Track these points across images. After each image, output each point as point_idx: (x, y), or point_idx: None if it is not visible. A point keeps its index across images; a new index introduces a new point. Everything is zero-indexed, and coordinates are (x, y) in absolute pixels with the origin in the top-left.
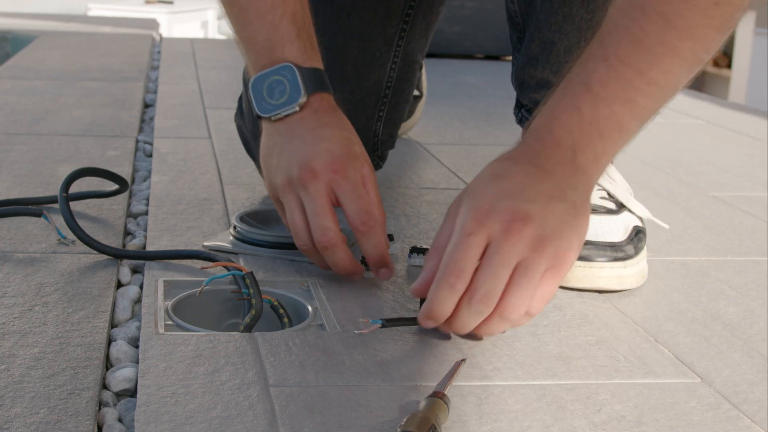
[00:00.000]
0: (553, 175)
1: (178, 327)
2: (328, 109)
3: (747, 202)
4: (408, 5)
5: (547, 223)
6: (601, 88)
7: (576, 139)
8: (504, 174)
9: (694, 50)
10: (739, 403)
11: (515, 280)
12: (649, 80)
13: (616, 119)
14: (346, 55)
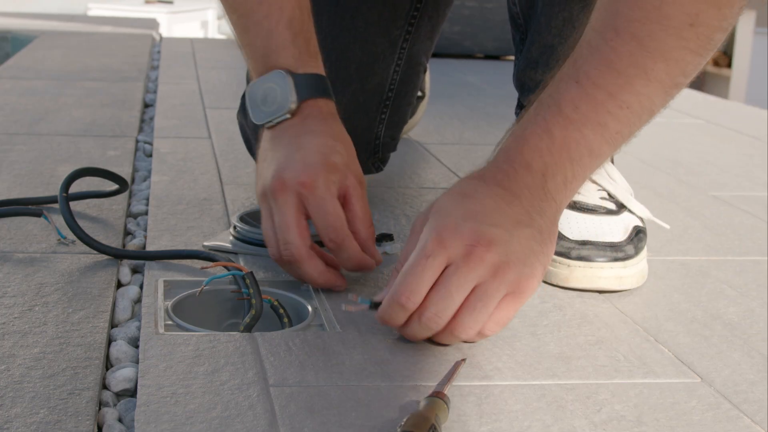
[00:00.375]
0: (521, 198)
1: (178, 327)
2: (319, 115)
3: (747, 201)
4: (413, 7)
5: (511, 248)
6: (573, 111)
7: (546, 163)
8: (472, 194)
9: (669, 73)
10: (739, 402)
11: (470, 302)
12: (621, 103)
13: (586, 143)
14: (349, 57)
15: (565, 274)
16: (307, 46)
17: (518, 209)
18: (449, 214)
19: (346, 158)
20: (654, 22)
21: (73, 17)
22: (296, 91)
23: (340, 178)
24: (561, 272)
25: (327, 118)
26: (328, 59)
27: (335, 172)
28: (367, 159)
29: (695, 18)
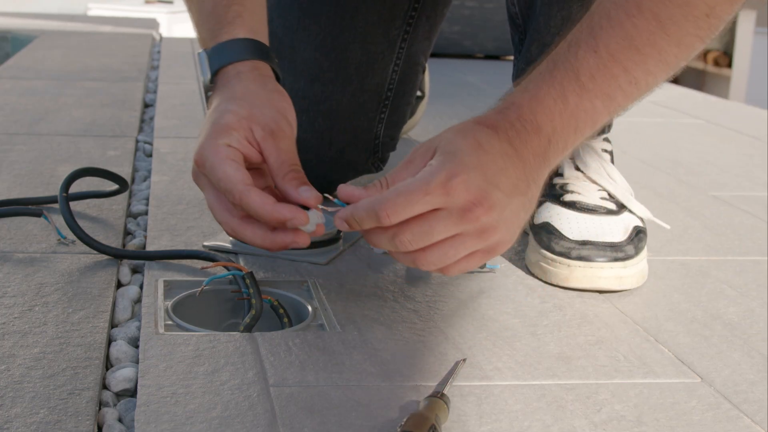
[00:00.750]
0: (525, 164)
1: (178, 327)
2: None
3: (747, 201)
4: (411, 7)
5: (504, 215)
6: (589, 80)
7: (555, 128)
8: (486, 146)
9: (677, 56)
10: (739, 402)
11: (443, 245)
12: (632, 79)
13: (593, 114)
14: (348, 57)
15: (565, 274)
16: (226, 13)
17: (521, 174)
18: (463, 160)
19: (244, 112)
20: (677, 6)
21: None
22: (209, 67)
23: (238, 136)
24: (561, 272)
25: (231, 82)
26: (327, 59)
27: (226, 134)
28: (366, 159)
29: (712, 9)
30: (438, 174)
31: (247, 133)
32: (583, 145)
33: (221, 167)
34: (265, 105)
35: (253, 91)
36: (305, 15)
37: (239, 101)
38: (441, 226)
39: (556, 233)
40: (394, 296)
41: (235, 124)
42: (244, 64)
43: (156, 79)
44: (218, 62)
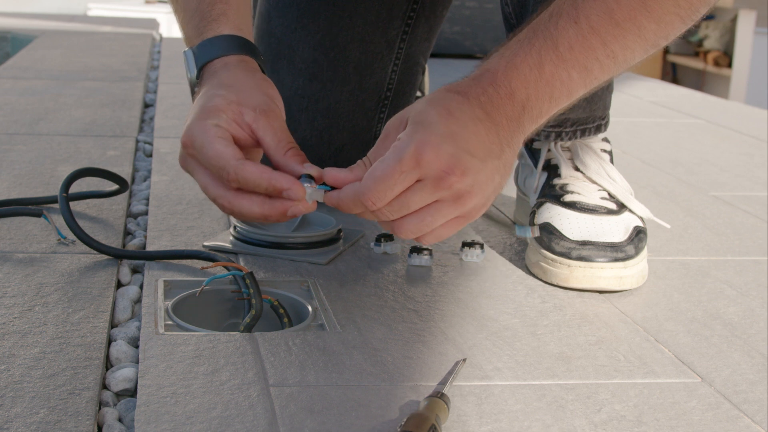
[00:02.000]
0: (499, 128)
1: (178, 327)
2: (212, 76)
3: (747, 201)
4: (410, 8)
5: (479, 179)
6: (567, 50)
7: (529, 96)
8: (456, 112)
9: (656, 33)
10: (739, 402)
11: (420, 214)
12: (610, 53)
13: (569, 84)
14: (347, 57)
15: (566, 274)
16: (211, 10)
17: (494, 138)
18: (432, 130)
19: (232, 96)
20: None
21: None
22: (195, 64)
23: (227, 117)
24: (561, 272)
25: (218, 73)
26: (326, 58)
27: (214, 115)
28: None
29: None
30: (408, 148)
31: (236, 115)
32: (582, 146)
33: (211, 146)
34: (253, 90)
35: (240, 78)
36: (304, 14)
37: (227, 87)
38: (417, 197)
39: (556, 233)
40: (394, 296)
41: (224, 107)
42: (230, 57)
43: (156, 79)
44: (204, 58)
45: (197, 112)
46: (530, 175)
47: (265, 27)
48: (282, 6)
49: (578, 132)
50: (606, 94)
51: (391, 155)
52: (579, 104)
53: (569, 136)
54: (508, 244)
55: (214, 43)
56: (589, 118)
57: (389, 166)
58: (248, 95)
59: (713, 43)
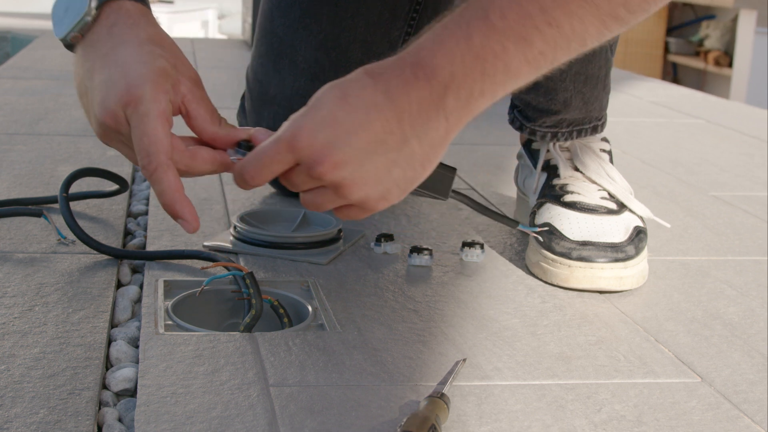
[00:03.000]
0: (403, 116)
1: (178, 327)
2: (128, 19)
3: (747, 201)
4: (413, 9)
5: (360, 172)
6: (499, 19)
7: (455, 73)
8: (351, 99)
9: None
10: (739, 402)
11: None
12: (551, 20)
13: (505, 58)
14: (349, 57)
15: (566, 275)
16: None
17: (393, 128)
18: (315, 115)
19: (172, 59)
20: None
21: None
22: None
23: (172, 84)
24: (561, 272)
25: (138, 21)
26: (328, 58)
27: (165, 79)
28: None
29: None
30: (286, 131)
31: (176, 84)
32: (581, 146)
33: (153, 123)
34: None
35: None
36: (306, 14)
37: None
38: (299, 179)
39: (556, 233)
40: (394, 296)
41: (171, 72)
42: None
43: None
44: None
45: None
46: (530, 176)
47: (267, 26)
48: (284, 5)
49: (574, 132)
50: (602, 95)
51: (273, 136)
52: (575, 104)
53: (565, 136)
54: (508, 244)
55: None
56: (585, 118)
57: (266, 147)
58: (182, 61)
59: (714, 42)
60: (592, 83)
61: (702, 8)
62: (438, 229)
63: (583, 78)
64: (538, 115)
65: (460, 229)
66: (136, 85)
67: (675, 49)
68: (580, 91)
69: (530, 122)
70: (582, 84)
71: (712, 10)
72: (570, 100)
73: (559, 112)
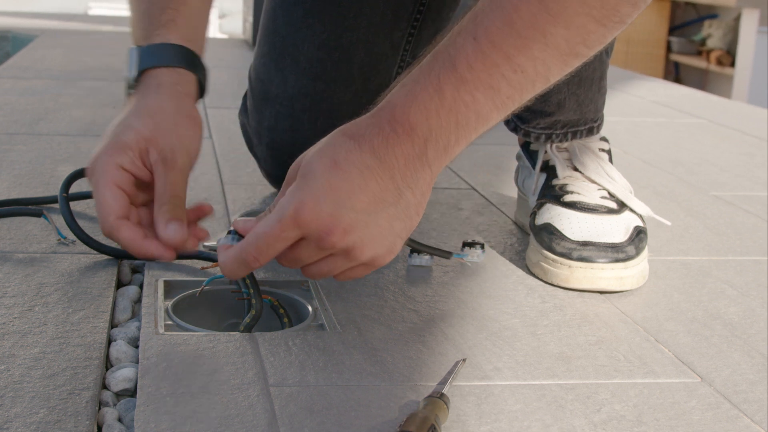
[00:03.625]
0: (393, 172)
1: (178, 327)
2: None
3: (748, 201)
4: (416, 10)
5: (368, 232)
6: (467, 70)
7: (431, 127)
8: (342, 164)
9: (568, 40)
10: (739, 402)
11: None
12: (516, 67)
13: (476, 107)
14: (351, 58)
15: (566, 275)
16: (160, 16)
17: (387, 185)
18: (313, 186)
19: (146, 132)
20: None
21: (74, 16)
22: (137, 65)
23: (132, 156)
24: (561, 272)
25: (148, 92)
26: (330, 58)
27: (121, 152)
28: None
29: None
30: (288, 207)
31: (143, 153)
32: (580, 146)
33: (103, 191)
34: (169, 130)
35: (164, 109)
36: (309, 14)
37: (145, 119)
38: (305, 253)
39: (557, 234)
40: (394, 296)
41: (133, 144)
42: (169, 73)
43: None
44: (146, 63)
45: (108, 143)
46: (529, 177)
47: (270, 25)
48: (287, 4)
49: (569, 134)
50: (597, 97)
51: (273, 214)
52: (569, 106)
53: (560, 138)
54: (508, 244)
55: (158, 50)
56: (580, 120)
57: (269, 226)
58: (161, 135)
59: (716, 42)
60: (587, 85)
61: (704, 7)
62: (438, 229)
63: (577, 80)
64: (533, 116)
65: (461, 229)
66: (94, 158)
67: (677, 48)
68: (574, 93)
69: (525, 124)
70: (576, 86)
71: (715, 10)
72: (564, 102)
73: (553, 114)
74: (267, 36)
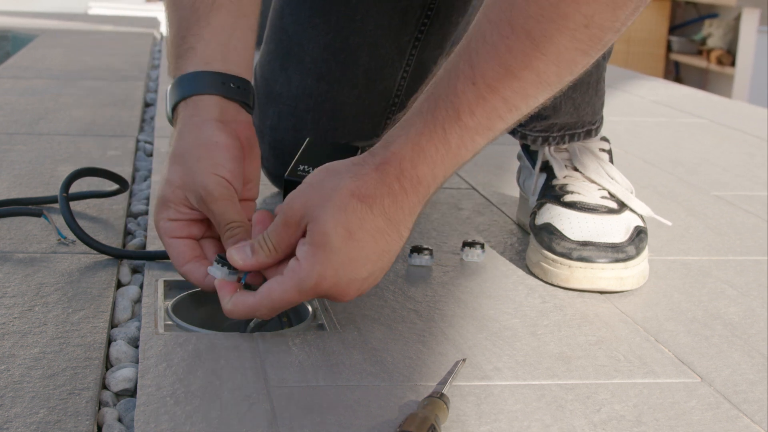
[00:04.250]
0: (399, 225)
1: (178, 327)
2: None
3: (748, 201)
4: (424, 15)
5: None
6: (469, 118)
7: (436, 175)
8: (357, 234)
9: (558, 75)
10: (739, 402)
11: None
12: (512, 107)
13: (474, 148)
14: (357, 60)
15: (566, 275)
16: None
17: (394, 237)
18: (332, 261)
19: (177, 181)
20: (550, 21)
21: (74, 16)
22: (171, 99)
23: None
24: (562, 273)
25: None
26: (335, 59)
27: (165, 207)
28: None
29: (590, 19)
30: (309, 280)
31: (184, 201)
32: (580, 147)
33: (167, 246)
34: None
35: (187, 149)
36: (316, 13)
37: (174, 167)
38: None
39: (557, 233)
40: (394, 296)
41: (171, 197)
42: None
43: (157, 78)
44: (173, 99)
45: (156, 203)
46: (529, 177)
47: (277, 23)
48: (295, 3)
49: (566, 137)
50: (595, 100)
51: (291, 283)
52: (565, 109)
53: (557, 140)
54: (508, 244)
55: (179, 84)
56: (577, 122)
57: (288, 295)
58: (190, 176)
59: (716, 41)
60: (583, 88)
61: (705, 7)
62: (438, 229)
63: (573, 84)
64: (529, 119)
65: (461, 228)
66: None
67: (677, 47)
68: (569, 97)
69: (521, 126)
70: (572, 90)
71: (715, 9)
72: (560, 106)
73: (549, 117)
74: (273, 34)
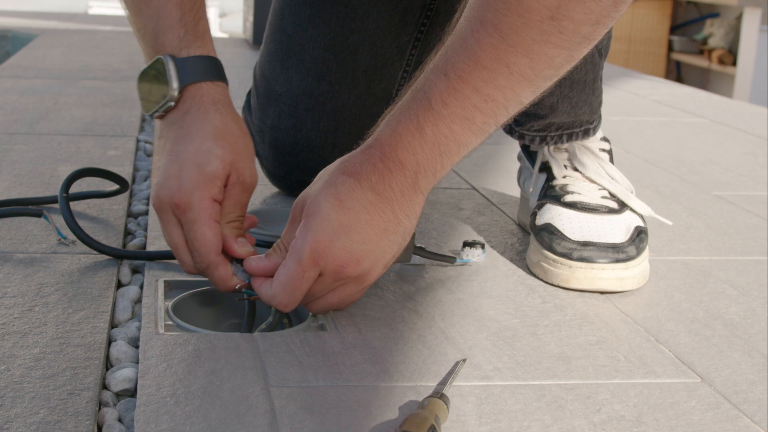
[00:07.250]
0: (392, 203)
1: (178, 327)
2: (200, 106)
3: (750, 201)
4: (424, 15)
5: (376, 258)
6: (442, 107)
7: (419, 161)
8: (348, 203)
9: (533, 67)
10: (739, 402)
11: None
12: (486, 97)
13: (455, 138)
14: (357, 60)
15: (566, 275)
16: (195, 26)
17: (389, 216)
18: (324, 226)
19: (228, 157)
20: (515, 15)
21: (74, 16)
22: (177, 77)
23: (220, 185)
24: (562, 273)
25: (208, 109)
26: (335, 59)
27: (213, 184)
28: None
29: (556, 11)
30: (305, 248)
31: (225, 181)
32: (579, 147)
33: (203, 229)
34: (242, 152)
35: (231, 130)
36: (316, 14)
37: (221, 142)
38: (320, 287)
39: (557, 234)
40: (394, 296)
41: (220, 173)
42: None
43: None
44: (190, 77)
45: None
46: (529, 177)
47: (277, 24)
48: (295, 4)
49: (564, 136)
50: (592, 99)
51: (290, 259)
52: (562, 108)
53: (555, 140)
54: (509, 244)
55: (201, 62)
56: (575, 122)
57: (291, 270)
58: (239, 157)
59: (718, 41)
60: (579, 87)
61: (706, 6)
62: (439, 229)
63: (569, 83)
64: (526, 119)
65: (461, 228)
66: (186, 192)
67: (679, 47)
68: (566, 96)
69: (519, 126)
70: (568, 89)
71: (717, 8)
72: (556, 105)
73: (546, 117)
74: (273, 34)
